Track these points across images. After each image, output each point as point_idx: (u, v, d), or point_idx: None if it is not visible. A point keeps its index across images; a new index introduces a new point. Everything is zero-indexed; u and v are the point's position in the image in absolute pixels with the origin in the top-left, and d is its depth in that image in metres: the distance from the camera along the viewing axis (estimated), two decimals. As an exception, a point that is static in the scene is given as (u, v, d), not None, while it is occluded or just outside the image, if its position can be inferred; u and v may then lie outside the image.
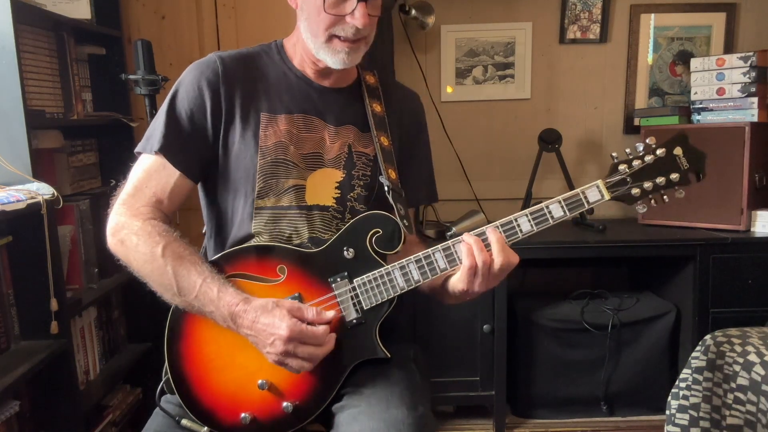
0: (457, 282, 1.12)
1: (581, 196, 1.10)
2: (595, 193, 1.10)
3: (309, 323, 1.07)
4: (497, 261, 1.07)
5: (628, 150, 1.11)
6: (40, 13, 1.84)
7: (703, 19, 2.67)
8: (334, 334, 1.10)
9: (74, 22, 2.03)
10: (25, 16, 1.74)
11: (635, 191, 1.09)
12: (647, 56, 2.70)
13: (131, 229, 1.13)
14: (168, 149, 1.17)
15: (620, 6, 2.67)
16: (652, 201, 1.11)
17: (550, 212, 1.11)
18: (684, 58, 2.67)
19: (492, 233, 1.09)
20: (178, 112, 1.18)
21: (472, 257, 1.08)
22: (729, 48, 2.67)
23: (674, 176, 1.09)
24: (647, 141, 1.10)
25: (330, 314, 1.11)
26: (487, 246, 1.09)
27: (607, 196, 1.09)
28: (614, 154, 1.11)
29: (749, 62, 2.31)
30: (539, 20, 2.68)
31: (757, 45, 2.63)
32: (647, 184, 1.09)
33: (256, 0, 2.42)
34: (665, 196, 1.11)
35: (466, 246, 1.09)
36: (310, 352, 1.06)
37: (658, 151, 1.09)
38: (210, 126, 1.19)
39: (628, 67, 2.70)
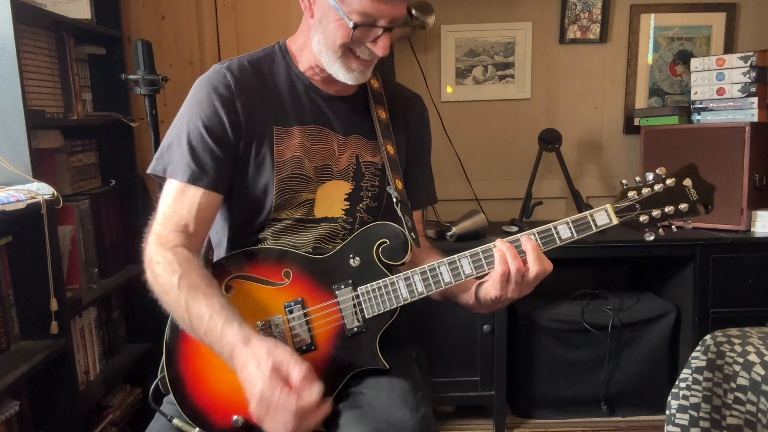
0: (490, 288, 1.11)
1: (590, 219, 1.10)
2: (603, 217, 1.10)
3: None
4: (533, 269, 1.07)
5: (637, 178, 1.12)
6: (40, 13, 1.83)
7: (703, 19, 2.67)
8: (318, 411, 0.98)
9: (74, 22, 2.03)
10: (25, 16, 1.74)
11: (643, 218, 1.10)
12: (647, 56, 2.70)
13: (157, 260, 1.10)
14: (192, 176, 1.13)
15: (620, 6, 2.67)
16: (660, 230, 1.11)
17: (557, 233, 1.11)
18: (684, 58, 2.67)
19: (527, 241, 1.09)
20: (196, 132, 1.14)
21: (505, 264, 1.07)
22: (729, 48, 2.67)
23: (683, 206, 1.10)
24: (657, 171, 1.11)
25: (317, 389, 0.96)
26: (521, 253, 1.09)
27: (615, 221, 1.10)
28: (624, 181, 1.12)
29: (749, 62, 2.31)
30: (539, 20, 2.68)
31: (757, 45, 2.63)
32: (656, 212, 1.10)
33: (256, 0, 2.42)
34: (673, 226, 1.12)
35: (500, 252, 1.08)
36: (284, 420, 0.95)
37: (668, 181, 1.10)
38: (232, 140, 1.16)
39: (628, 67, 2.70)
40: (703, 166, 2.39)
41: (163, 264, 1.08)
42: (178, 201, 1.14)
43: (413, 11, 2.50)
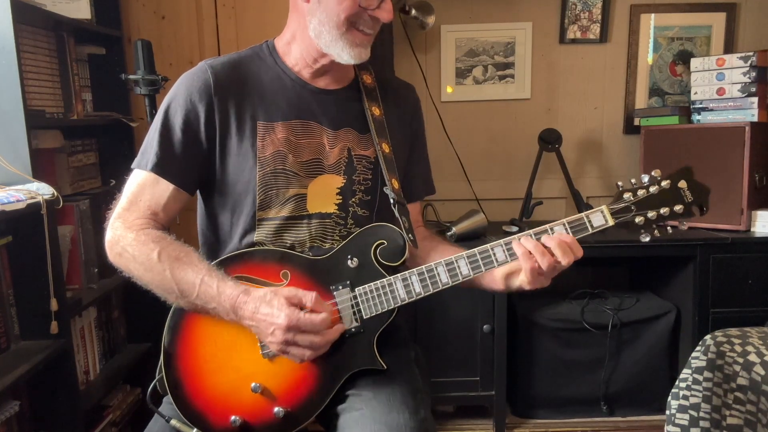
0: (526, 285, 1.13)
1: (585, 220, 1.11)
2: (599, 218, 1.11)
3: (311, 310, 1.07)
4: (563, 262, 1.08)
5: (633, 180, 1.12)
6: (40, 13, 1.83)
7: (703, 19, 2.67)
8: (341, 326, 1.11)
9: (74, 22, 2.03)
10: (25, 16, 1.74)
11: (639, 219, 1.10)
12: (647, 56, 2.70)
13: (126, 242, 1.12)
14: (162, 167, 1.15)
15: (620, 6, 2.67)
16: (656, 231, 1.12)
17: (553, 233, 1.11)
18: (684, 58, 2.68)
19: (550, 240, 1.09)
20: (171, 127, 1.16)
21: (533, 260, 1.08)
22: (729, 48, 2.67)
23: (678, 208, 1.10)
24: (652, 173, 1.12)
25: (328, 306, 1.11)
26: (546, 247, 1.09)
27: (611, 222, 1.10)
28: (620, 183, 1.13)
29: (749, 62, 2.31)
30: (539, 20, 2.68)
31: (757, 45, 2.63)
32: (651, 214, 1.10)
33: (256, 1, 2.42)
34: (669, 227, 1.13)
35: (522, 249, 1.09)
36: (310, 340, 1.06)
37: (663, 183, 1.10)
38: (204, 138, 1.17)
39: (628, 67, 2.70)
40: (703, 166, 2.40)
41: (137, 245, 1.11)
42: (146, 191, 1.17)
43: (413, 11, 2.51)
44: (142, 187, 1.17)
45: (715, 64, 2.40)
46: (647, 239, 1.12)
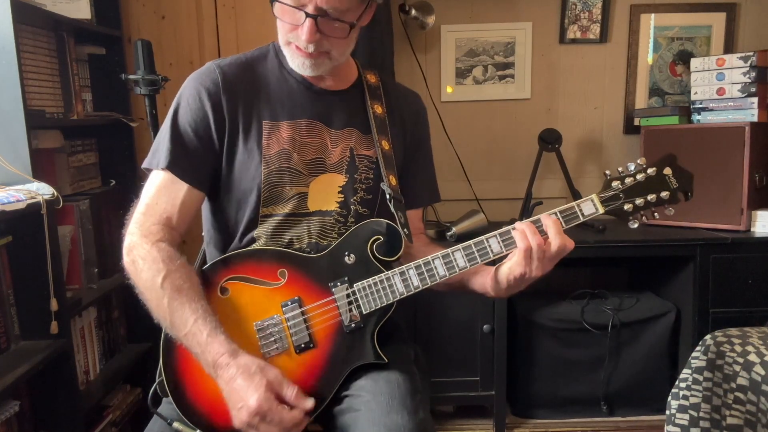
0: (515, 267, 1.12)
1: (576, 209, 1.14)
2: (589, 206, 1.15)
3: (287, 403, 1.02)
4: (554, 243, 1.09)
5: (620, 168, 1.16)
6: (40, 13, 1.84)
7: (703, 19, 2.67)
8: (307, 419, 1.05)
9: (74, 22, 2.03)
10: (25, 16, 1.74)
11: (627, 206, 1.14)
12: (647, 56, 2.70)
13: (140, 253, 1.12)
14: (174, 164, 1.16)
15: (620, 6, 2.67)
16: (644, 217, 1.16)
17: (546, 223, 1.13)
18: (684, 58, 2.68)
19: (547, 218, 1.12)
20: (181, 126, 1.18)
21: (526, 240, 1.09)
22: (729, 48, 2.67)
23: (664, 194, 1.14)
24: (638, 161, 1.16)
25: (310, 402, 1.04)
26: (541, 231, 1.11)
27: (601, 210, 1.14)
28: (607, 172, 1.18)
29: (749, 62, 2.31)
30: (539, 20, 2.68)
31: (757, 45, 2.63)
32: (639, 201, 1.14)
33: (256, 1, 2.42)
34: (656, 213, 1.17)
35: (519, 231, 1.11)
36: None
37: (649, 170, 1.14)
38: (215, 136, 1.19)
39: (628, 67, 2.70)
40: (703, 166, 2.40)
41: (148, 260, 1.10)
42: (162, 193, 1.17)
43: (413, 11, 2.51)
44: (159, 189, 1.17)
45: (715, 64, 2.40)
46: (635, 226, 1.16)
